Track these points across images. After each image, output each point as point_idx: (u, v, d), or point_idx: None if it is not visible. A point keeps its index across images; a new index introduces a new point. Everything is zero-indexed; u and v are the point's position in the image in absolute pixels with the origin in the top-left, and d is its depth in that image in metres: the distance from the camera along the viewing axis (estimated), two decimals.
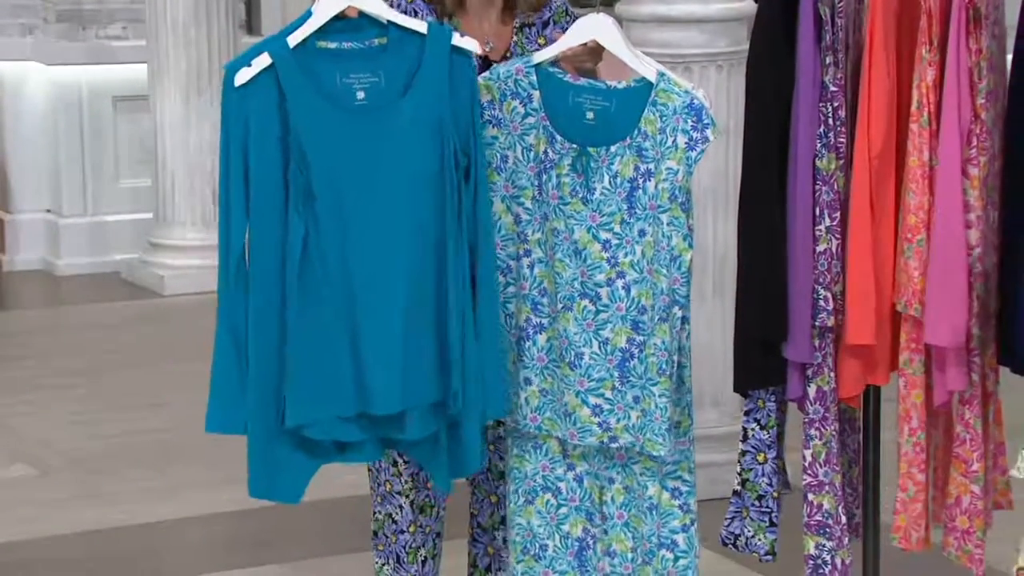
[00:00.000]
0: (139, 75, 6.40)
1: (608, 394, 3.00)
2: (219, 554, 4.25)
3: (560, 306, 3.01)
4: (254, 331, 2.90)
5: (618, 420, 3.00)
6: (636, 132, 2.96)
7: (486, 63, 3.20)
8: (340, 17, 2.91)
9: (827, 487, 3.18)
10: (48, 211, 6.66)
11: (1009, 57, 3.13)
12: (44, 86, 6.55)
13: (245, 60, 2.90)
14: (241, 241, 2.91)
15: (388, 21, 2.91)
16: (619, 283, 2.98)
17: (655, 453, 2.98)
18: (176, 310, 6.20)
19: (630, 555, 3.05)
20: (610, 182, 2.97)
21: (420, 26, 2.91)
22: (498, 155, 3.01)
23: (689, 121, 2.95)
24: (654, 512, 3.03)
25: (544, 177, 3.00)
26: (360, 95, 2.89)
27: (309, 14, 2.92)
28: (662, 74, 2.97)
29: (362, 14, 2.91)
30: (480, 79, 3.01)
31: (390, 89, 2.89)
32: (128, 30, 6.55)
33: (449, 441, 2.96)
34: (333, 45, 2.89)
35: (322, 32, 2.90)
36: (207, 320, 3.15)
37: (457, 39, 2.91)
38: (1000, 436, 3.20)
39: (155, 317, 6.17)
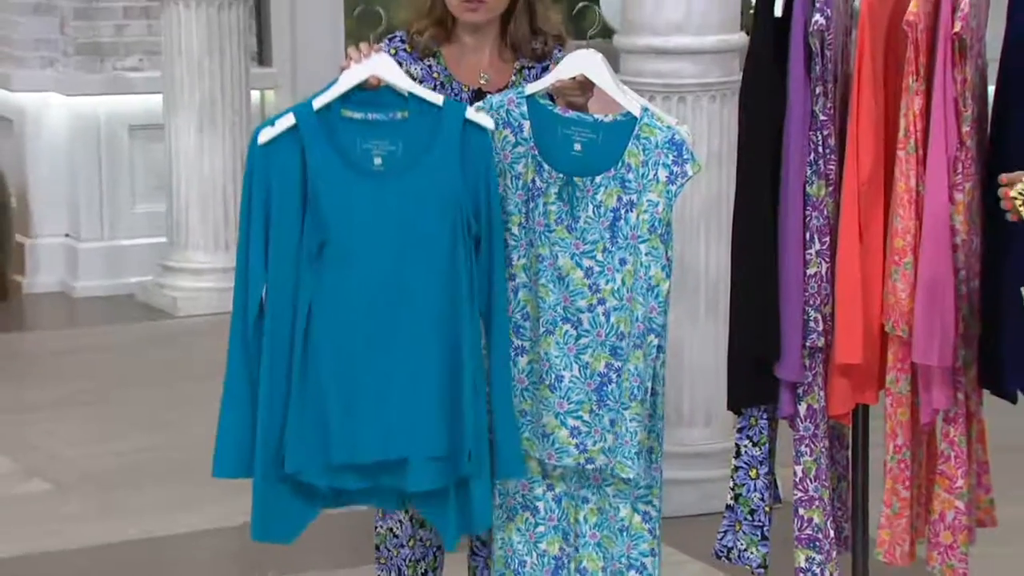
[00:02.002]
0: (155, 105, 6.40)
1: (586, 417, 3.00)
2: (228, 567, 4.23)
3: (542, 330, 3.01)
4: (266, 379, 2.91)
5: (595, 443, 3.00)
6: (620, 164, 2.97)
7: (480, 95, 3.20)
8: (363, 87, 2.93)
9: (817, 502, 3.16)
10: (67, 235, 6.65)
11: (992, 88, 3.13)
12: (64, 116, 6.55)
13: (273, 121, 2.92)
14: (259, 297, 2.92)
15: (408, 93, 2.92)
16: (600, 309, 2.99)
17: (624, 475, 2.97)
18: (188, 331, 6.19)
19: (600, 574, 3.04)
20: (594, 211, 2.98)
21: (436, 99, 2.95)
22: (499, 195, 3.01)
23: (670, 156, 2.96)
24: (625, 534, 3.03)
25: (531, 204, 3.00)
26: (377, 161, 2.92)
27: (334, 82, 2.94)
28: (646, 109, 2.99)
29: (384, 85, 2.93)
30: (473, 108, 3.01)
31: (406, 158, 2.93)
32: (144, 62, 6.55)
33: (458, 498, 2.95)
34: (358, 115, 2.93)
35: (347, 101, 2.93)
36: (219, 341, 3.14)
37: (471, 113, 2.94)
38: (984, 455, 3.19)
39: (168, 338, 6.16)
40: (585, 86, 3.04)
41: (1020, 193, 2.70)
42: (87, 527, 4.40)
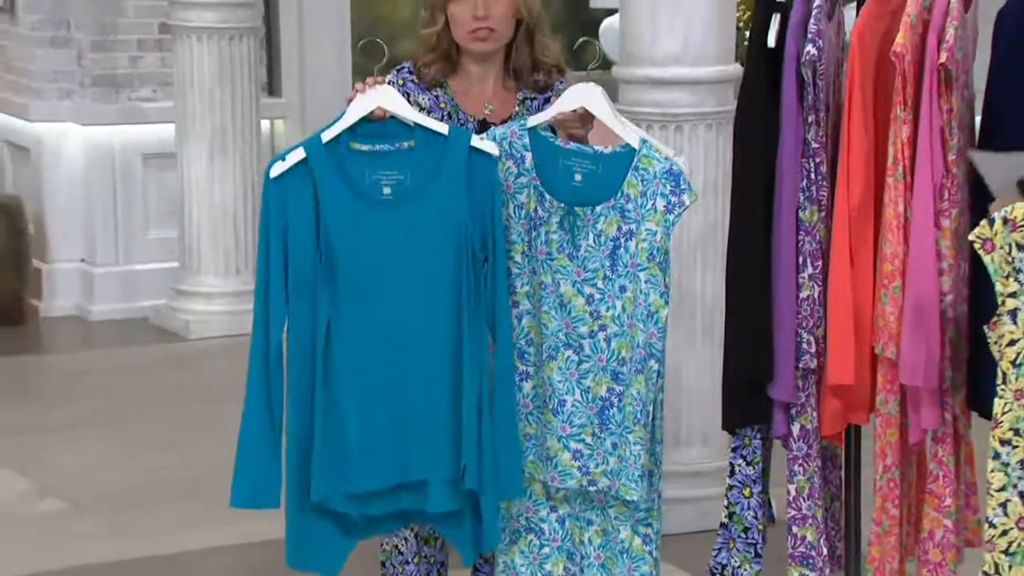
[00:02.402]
0: (167, 134, 6.41)
1: (588, 440, 3.00)
2: None
3: (545, 355, 3.01)
4: (293, 409, 2.91)
5: (596, 465, 3.00)
6: (620, 194, 2.98)
7: (485, 125, 3.21)
8: (369, 119, 2.93)
9: (810, 520, 3.16)
10: (82, 260, 6.66)
11: (979, 119, 3.14)
12: (80, 145, 6.56)
13: (284, 156, 2.94)
14: (280, 331, 2.92)
15: (414, 123, 2.93)
16: (601, 335, 2.99)
17: (628, 497, 2.97)
18: (201, 353, 6.19)
19: None
20: (594, 240, 2.98)
21: (442, 128, 2.96)
22: (504, 221, 3.01)
23: (668, 186, 2.97)
24: (626, 556, 3.03)
25: (534, 233, 3.01)
26: (386, 190, 2.94)
27: (342, 115, 2.96)
28: (645, 141, 3.00)
29: (390, 116, 2.94)
30: (477, 137, 3.02)
31: (414, 186, 2.94)
32: (158, 92, 6.56)
33: (473, 517, 2.97)
34: (366, 147, 2.94)
35: (354, 134, 2.95)
36: (230, 363, 3.15)
37: (476, 141, 2.95)
38: (972, 476, 3.18)
39: (181, 360, 6.16)
40: (585, 118, 3.05)
41: (977, 236, 2.71)
42: (101, 545, 4.39)
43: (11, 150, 6.79)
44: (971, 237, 2.71)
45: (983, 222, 2.71)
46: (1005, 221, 2.69)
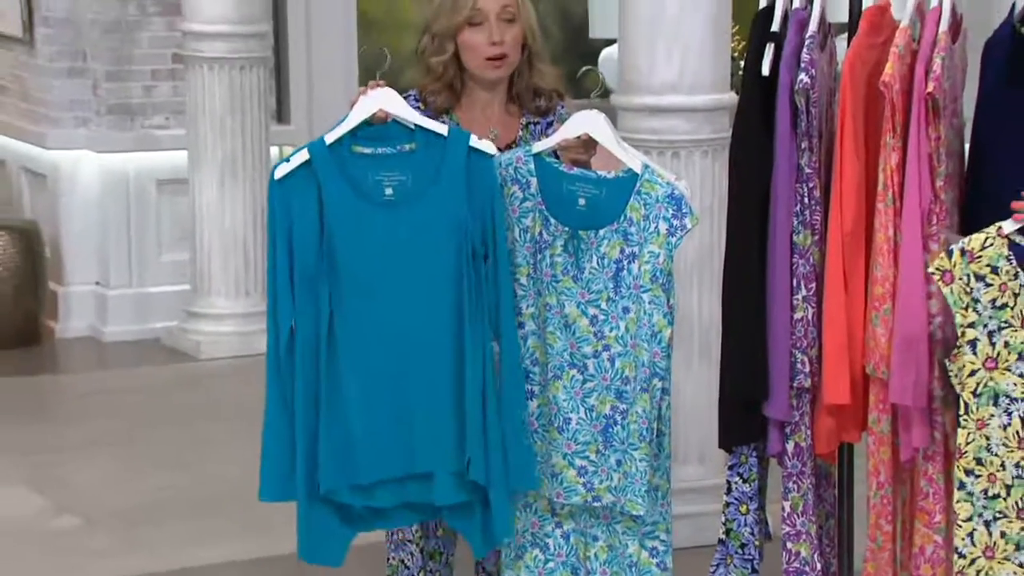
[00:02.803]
0: (180, 161, 6.42)
1: (593, 457, 3.00)
2: None
3: (551, 375, 3.01)
4: (302, 404, 2.92)
5: (601, 481, 2.99)
6: (623, 218, 2.98)
7: None
8: (371, 122, 2.93)
9: (804, 536, 3.15)
10: (97, 283, 6.66)
11: (968, 146, 3.14)
12: (95, 172, 6.57)
13: (288, 159, 2.95)
14: (288, 324, 2.94)
15: (415, 126, 2.94)
16: (605, 355, 2.99)
17: (635, 512, 2.97)
18: (211, 373, 6.19)
19: None
20: (598, 263, 2.99)
21: (442, 129, 2.96)
22: (504, 217, 3.01)
23: (670, 210, 2.98)
24: (633, 569, 3.02)
25: (539, 256, 3.01)
26: (388, 191, 2.94)
27: (345, 118, 2.96)
28: (647, 166, 3.00)
29: (392, 120, 2.94)
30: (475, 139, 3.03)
31: (415, 187, 2.94)
32: (170, 120, 6.57)
33: (484, 510, 2.96)
34: (368, 150, 2.95)
35: (356, 137, 2.95)
36: (240, 383, 3.15)
37: (474, 141, 2.95)
38: None
39: (192, 380, 6.15)
40: (588, 145, 3.06)
41: (936, 268, 2.71)
42: (113, 561, 4.38)
43: (29, 176, 6.80)
44: (930, 269, 2.71)
45: (942, 254, 2.71)
46: (963, 252, 2.69)
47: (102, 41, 6.49)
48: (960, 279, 2.67)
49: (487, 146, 2.96)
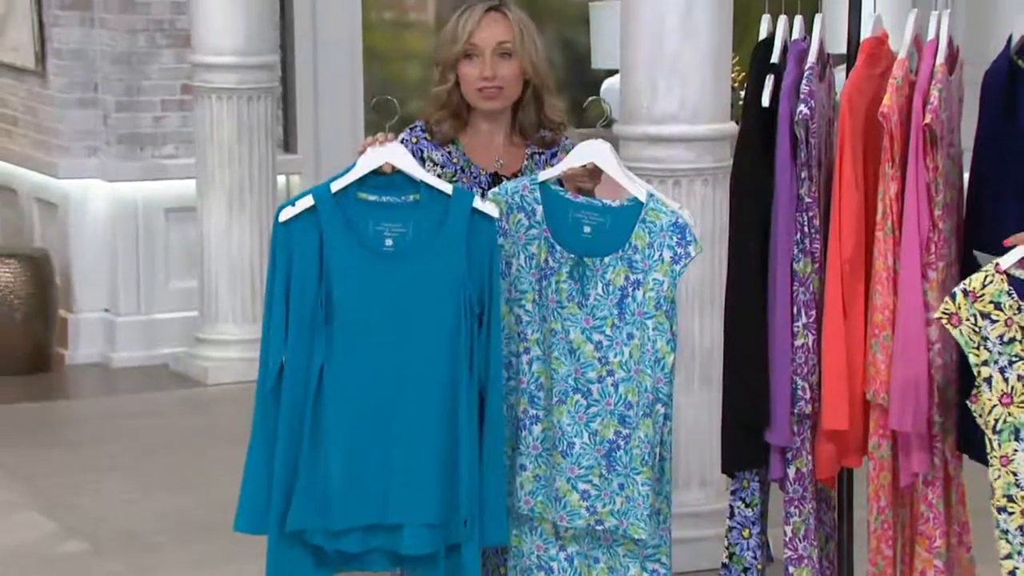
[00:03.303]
0: (188, 189, 6.43)
1: (596, 481, 2.99)
2: None
3: (555, 399, 3.01)
4: (284, 442, 2.92)
5: (604, 505, 2.99)
6: (627, 246, 2.98)
7: (497, 178, 3.22)
8: (378, 173, 2.94)
9: (806, 560, 3.14)
10: (106, 310, 6.66)
11: (966, 176, 3.15)
12: (105, 200, 6.58)
13: (293, 202, 2.95)
14: (278, 362, 2.94)
15: (420, 181, 2.94)
16: (609, 380, 2.99)
17: (637, 536, 2.96)
18: (219, 398, 6.18)
19: None
20: (603, 289, 2.99)
21: (447, 188, 2.97)
22: (503, 262, 3.02)
23: (674, 238, 2.98)
24: None
25: (544, 283, 3.01)
26: (388, 242, 2.94)
27: (353, 166, 2.96)
28: (651, 195, 3.01)
29: (398, 171, 2.95)
30: (489, 193, 3.04)
31: (416, 240, 2.95)
32: (179, 150, 6.59)
33: (448, 561, 2.95)
34: (373, 198, 2.96)
35: (363, 184, 2.95)
36: (246, 408, 3.15)
37: (478, 203, 2.96)
38: (964, 516, 3.16)
39: (200, 405, 6.15)
40: (594, 173, 3.07)
41: (943, 312, 2.71)
42: None
43: (40, 206, 6.81)
44: (937, 315, 2.71)
45: (947, 298, 2.71)
46: (966, 293, 2.69)
47: (113, 72, 6.51)
48: (967, 320, 2.67)
49: (490, 208, 2.97)
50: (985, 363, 2.69)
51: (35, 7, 6.56)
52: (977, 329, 2.67)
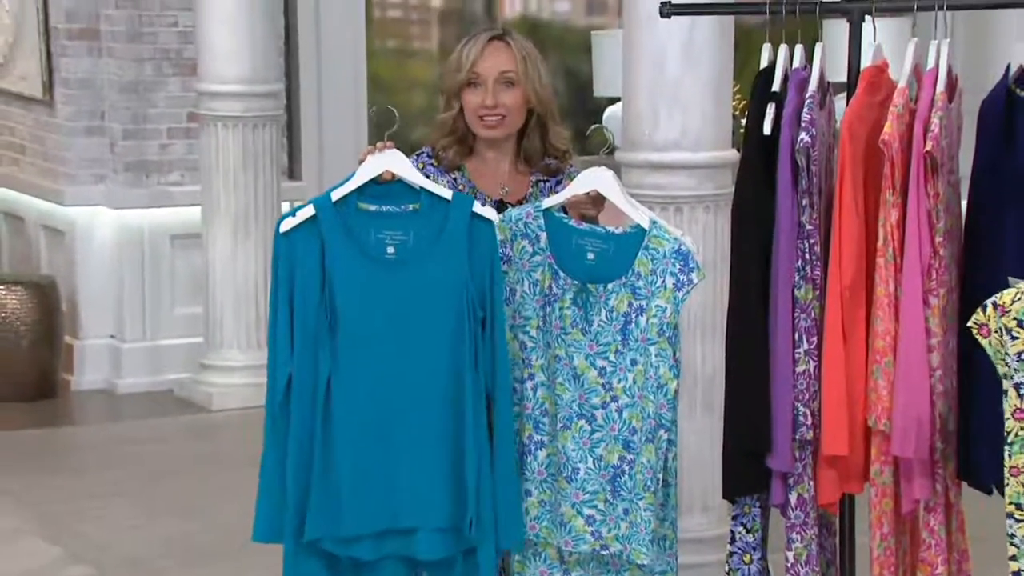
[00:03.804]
0: (194, 216, 6.44)
1: (601, 506, 2.98)
2: None
3: (559, 425, 3.00)
4: (295, 453, 2.91)
5: (609, 530, 2.98)
6: (631, 272, 2.98)
7: (502, 205, 3.22)
8: (378, 181, 2.94)
9: None
10: (112, 336, 6.66)
11: (965, 202, 3.14)
12: (111, 227, 6.59)
13: (294, 212, 2.95)
14: (286, 373, 2.94)
15: (420, 187, 2.94)
16: (613, 406, 2.98)
17: (640, 561, 2.96)
18: (223, 424, 6.18)
19: None
20: (607, 316, 2.98)
21: (446, 194, 2.97)
22: (507, 289, 3.02)
23: (677, 265, 2.98)
24: None
25: (548, 309, 3.01)
26: (390, 250, 2.94)
27: (352, 175, 2.95)
28: (654, 222, 3.01)
29: (397, 179, 2.94)
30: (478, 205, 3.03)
31: (417, 247, 2.94)
32: (185, 177, 6.60)
33: (465, 565, 2.94)
34: (373, 207, 2.95)
35: (363, 194, 2.95)
36: (250, 433, 3.15)
37: (478, 207, 2.96)
38: (964, 543, 3.15)
39: (205, 431, 6.14)
40: (597, 200, 3.07)
41: (973, 322, 2.71)
42: None
43: (47, 233, 6.82)
44: (969, 324, 2.71)
45: (978, 309, 2.71)
46: (995, 306, 2.69)
47: (119, 101, 6.53)
48: (995, 332, 2.68)
49: (489, 213, 2.97)
50: (1005, 376, 2.71)
51: (43, 37, 6.59)
52: (1002, 343, 2.68)
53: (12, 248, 7.03)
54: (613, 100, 7.00)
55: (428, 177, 3.17)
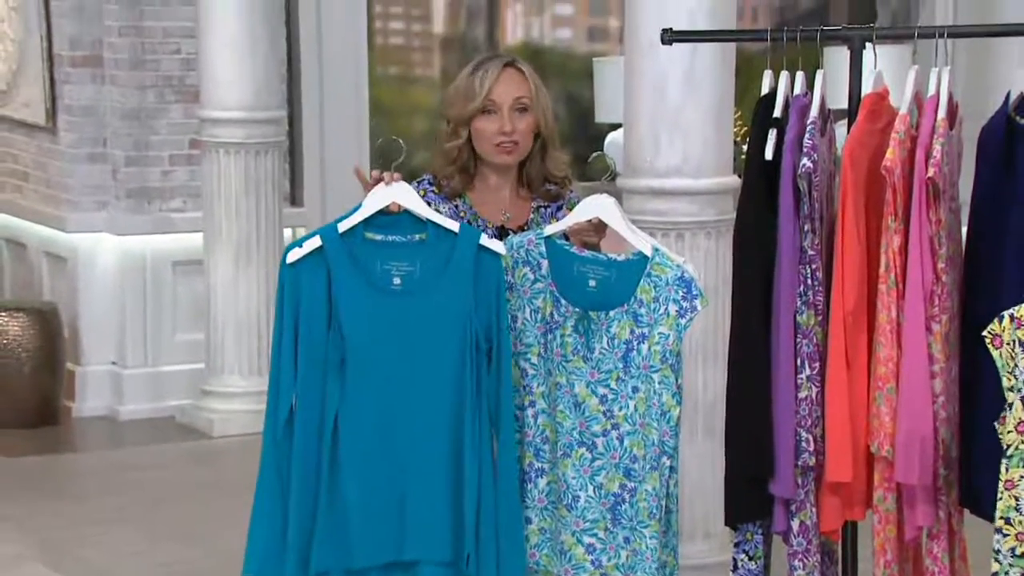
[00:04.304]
0: (196, 242, 6.44)
1: (601, 534, 2.97)
2: None
3: (560, 453, 2.99)
4: (298, 484, 2.90)
5: (609, 559, 2.97)
6: (633, 300, 2.98)
7: (504, 231, 3.22)
8: (385, 212, 2.95)
9: None
10: (113, 363, 6.66)
11: (964, 229, 3.15)
12: (113, 254, 6.59)
13: (301, 243, 2.94)
14: (288, 403, 2.93)
15: (427, 219, 2.94)
16: (614, 434, 2.98)
17: None
18: (225, 450, 6.16)
19: None
20: (608, 343, 2.98)
21: (453, 226, 2.97)
22: (508, 315, 3.01)
23: (680, 292, 2.97)
24: None
25: (549, 336, 3.01)
26: (396, 281, 2.94)
27: (359, 206, 2.95)
28: (657, 249, 3.01)
29: (404, 210, 2.94)
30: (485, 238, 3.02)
31: (424, 278, 2.94)
32: (187, 203, 6.60)
33: None
34: (379, 237, 2.96)
35: (369, 224, 2.96)
36: (252, 459, 3.13)
37: (484, 240, 2.96)
38: (966, 572, 3.14)
39: (206, 457, 6.13)
40: (599, 228, 3.07)
41: (988, 332, 2.71)
42: None
43: (49, 259, 6.82)
44: (984, 333, 2.71)
45: (995, 319, 2.72)
46: (1012, 318, 2.70)
47: (122, 128, 6.54)
48: (1008, 344, 2.68)
49: (496, 245, 2.97)
50: (1011, 388, 2.70)
51: (47, 64, 6.60)
52: (1013, 356, 2.68)
53: (14, 274, 7.03)
54: (614, 126, 7.01)
55: (429, 204, 3.17)
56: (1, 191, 7.06)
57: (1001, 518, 2.71)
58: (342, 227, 2.96)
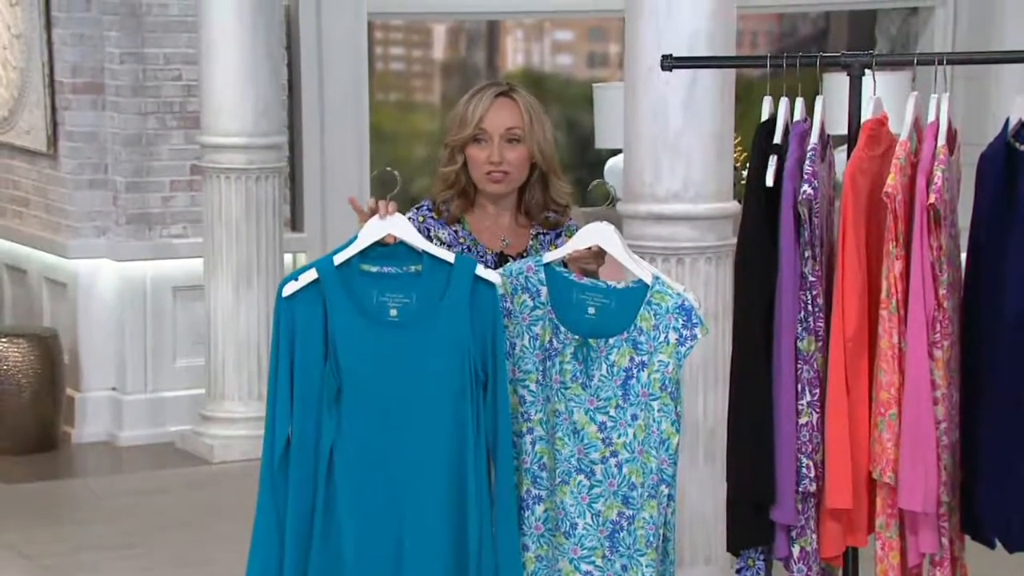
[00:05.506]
0: (196, 268, 6.44)
1: (599, 562, 2.96)
2: None
3: (558, 480, 2.99)
4: (293, 519, 2.90)
5: None
6: (632, 327, 2.97)
7: (502, 258, 3.22)
8: (381, 244, 2.95)
9: None
10: (113, 389, 6.65)
11: (964, 255, 3.15)
12: (114, 280, 6.59)
13: (296, 276, 2.94)
14: (284, 438, 2.92)
15: (422, 251, 2.94)
16: (612, 461, 2.97)
17: None
18: (224, 476, 6.15)
19: None
20: (607, 371, 2.98)
21: (449, 257, 2.96)
22: (507, 342, 3.01)
23: (680, 320, 2.97)
24: None
25: (548, 363, 3.01)
26: (393, 312, 2.93)
27: (354, 238, 2.95)
28: (657, 277, 3.00)
29: (400, 242, 2.95)
30: (495, 272, 3.03)
31: (420, 309, 2.94)
32: (187, 229, 6.61)
33: None
34: (375, 269, 2.95)
35: (365, 256, 2.95)
36: (251, 484, 3.13)
37: (480, 270, 2.96)
38: None
39: (205, 482, 6.12)
40: (598, 255, 3.07)
41: None
42: None
43: (49, 285, 6.82)
44: None
45: None
46: None
47: (123, 154, 6.55)
48: None
49: (492, 276, 2.97)
50: None
51: (48, 91, 6.62)
52: None
53: (15, 300, 7.03)
54: (614, 152, 7.03)
55: (429, 230, 3.17)
56: (2, 217, 7.07)
57: None
58: (338, 259, 2.95)
